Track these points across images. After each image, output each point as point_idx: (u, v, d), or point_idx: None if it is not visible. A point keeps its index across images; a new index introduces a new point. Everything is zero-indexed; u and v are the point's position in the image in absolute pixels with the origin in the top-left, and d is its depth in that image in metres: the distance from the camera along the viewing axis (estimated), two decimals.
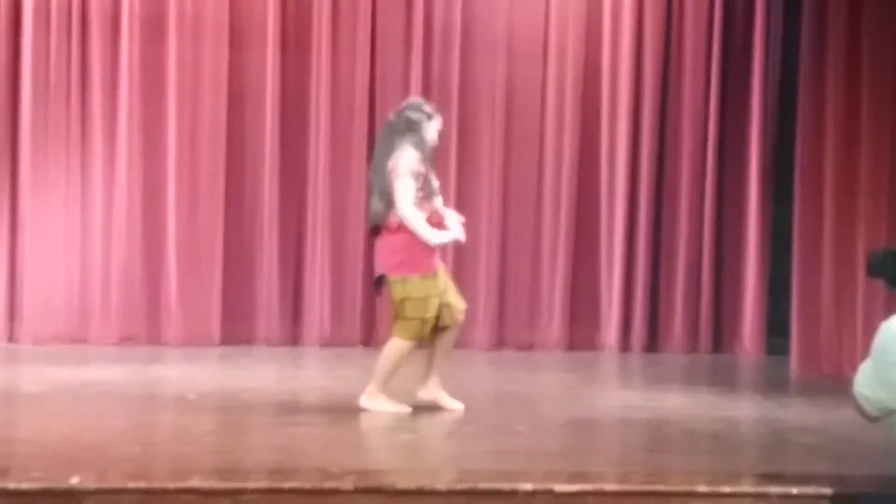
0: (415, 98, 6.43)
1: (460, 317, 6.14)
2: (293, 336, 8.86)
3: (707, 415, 6.37)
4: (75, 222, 8.55)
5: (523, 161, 9.11)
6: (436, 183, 6.16)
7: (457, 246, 8.95)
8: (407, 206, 5.97)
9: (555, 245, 9.08)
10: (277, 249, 8.81)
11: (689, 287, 9.18)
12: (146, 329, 8.62)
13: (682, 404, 6.71)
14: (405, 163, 5.99)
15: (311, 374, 7.82)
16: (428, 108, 6.22)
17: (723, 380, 8.00)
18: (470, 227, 8.99)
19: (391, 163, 6.01)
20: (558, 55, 9.08)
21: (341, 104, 8.88)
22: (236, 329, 8.77)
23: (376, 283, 6.24)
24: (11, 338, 8.47)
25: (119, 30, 8.57)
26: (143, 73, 8.62)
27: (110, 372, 7.26)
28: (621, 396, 7.08)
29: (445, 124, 8.90)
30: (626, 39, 9.11)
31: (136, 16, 8.58)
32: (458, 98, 9.00)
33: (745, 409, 6.85)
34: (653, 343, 9.17)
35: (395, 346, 6.06)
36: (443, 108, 8.96)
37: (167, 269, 8.65)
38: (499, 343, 9.01)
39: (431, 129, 6.16)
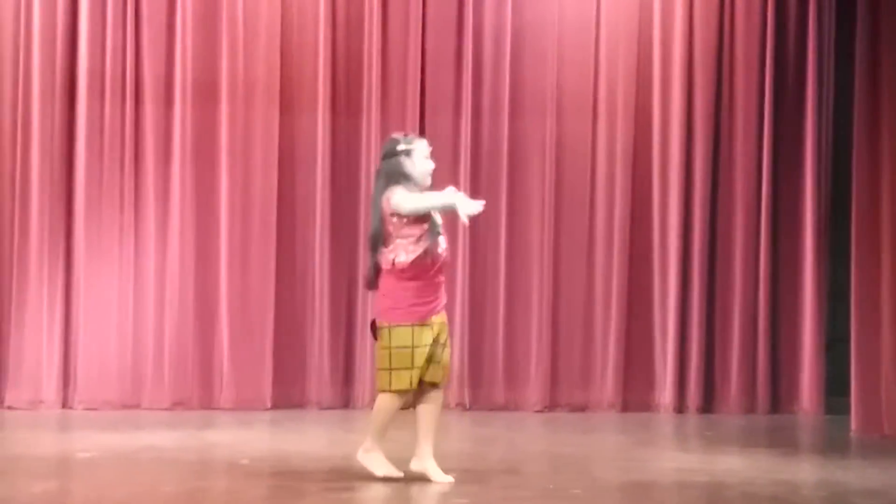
0: (389, 139, 6.05)
1: (443, 379, 5.83)
2: (344, 399, 8.84)
3: (766, 477, 6.25)
4: (128, 288, 8.60)
5: (574, 219, 9.08)
6: (439, 220, 5.87)
7: (508, 304, 8.98)
8: (407, 200, 5.66)
9: (607, 304, 9.01)
10: (328, 312, 8.81)
11: (744, 346, 9.06)
12: (198, 394, 8.63)
13: (739, 466, 6.58)
14: (397, 196, 5.71)
15: (363, 437, 7.76)
16: (402, 144, 5.87)
17: (781, 441, 7.86)
18: (522, 285, 9.08)
19: (382, 206, 5.76)
20: (608, 112, 9.08)
21: None
22: (288, 392, 8.76)
23: (371, 329, 5.95)
24: (65, 404, 8.51)
25: (172, 95, 8.67)
26: (195, 138, 8.71)
27: (163, 437, 7.26)
28: (678, 459, 6.97)
29: (495, 183, 9.01)
30: (676, 96, 9.09)
31: (188, 81, 8.68)
32: (508, 157, 9.01)
33: (804, 471, 6.71)
34: (709, 404, 9.05)
35: (383, 400, 5.85)
36: (493, 168, 9.04)
37: (219, 333, 8.67)
38: (552, 404, 8.93)
39: (416, 162, 5.83)
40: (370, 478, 5.94)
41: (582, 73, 9.08)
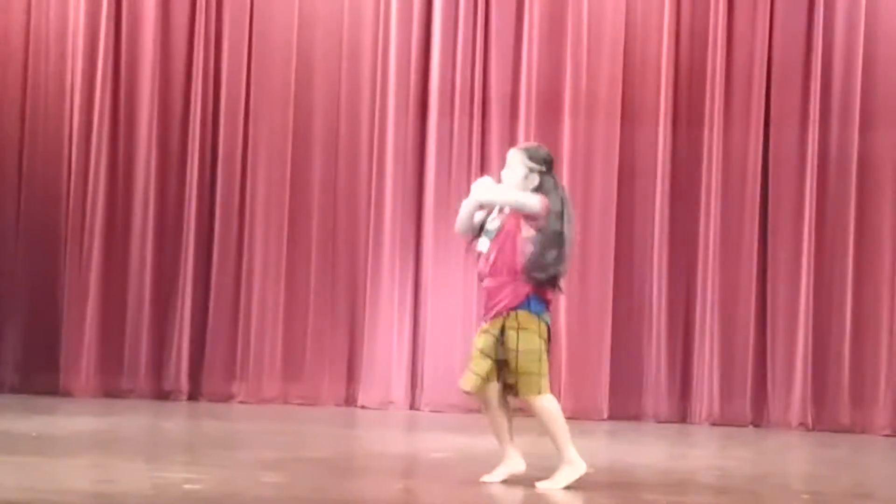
0: None
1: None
2: (681, 413, 8.75)
3: None
4: (473, 292, 8.83)
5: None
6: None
7: (855, 317, 8.59)
8: None
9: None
10: (666, 324, 8.76)
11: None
12: None
13: None
14: None
15: (703, 452, 7.66)
16: None
17: None
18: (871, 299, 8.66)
19: None
20: None
21: (733, 179, 8.77)
22: (624, 404, 8.76)
23: None
24: (412, 405, 8.84)
25: (517, 110, 8.88)
26: None
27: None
28: None
29: (843, 196, 8.65)
30: None
31: (532, 96, 8.86)
32: (857, 169, 8.65)
33: None
34: None
35: None
36: (841, 180, 8.67)
37: (556, 343, 8.77)
38: None
39: None
40: (714, 494, 5.85)
41: None
